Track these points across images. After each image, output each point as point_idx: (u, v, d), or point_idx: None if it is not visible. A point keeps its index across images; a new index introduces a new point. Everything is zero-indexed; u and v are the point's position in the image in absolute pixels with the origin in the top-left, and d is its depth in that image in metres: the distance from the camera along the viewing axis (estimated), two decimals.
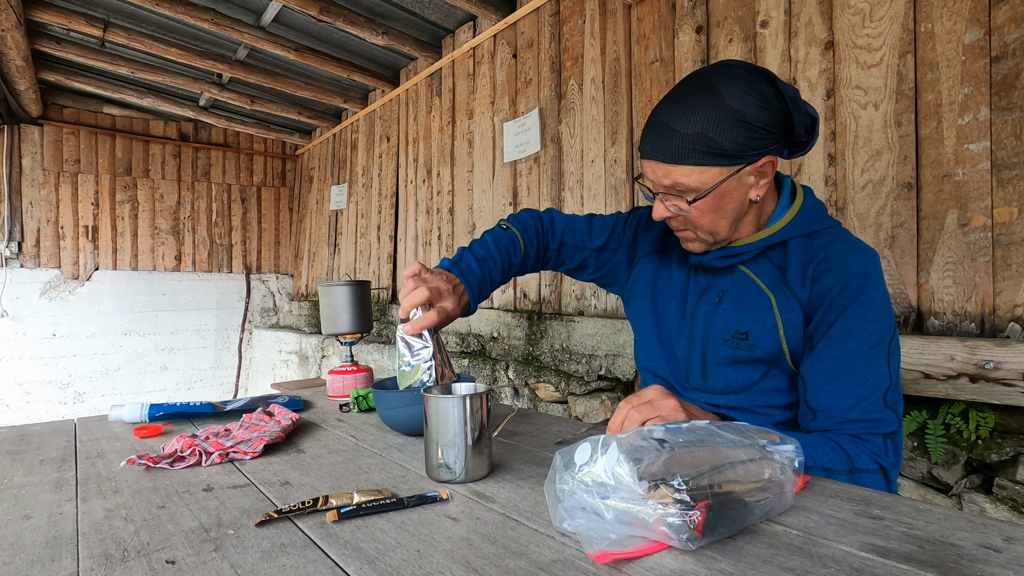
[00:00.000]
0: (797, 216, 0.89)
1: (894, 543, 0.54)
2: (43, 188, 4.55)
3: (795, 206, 0.90)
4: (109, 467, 0.86)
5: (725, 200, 0.84)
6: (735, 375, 0.91)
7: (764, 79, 0.82)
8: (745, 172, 0.83)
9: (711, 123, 0.79)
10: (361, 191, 4.46)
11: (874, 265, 0.84)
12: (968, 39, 1.47)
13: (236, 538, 0.61)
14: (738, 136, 0.79)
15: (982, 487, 1.45)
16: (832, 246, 0.86)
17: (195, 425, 1.14)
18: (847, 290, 0.82)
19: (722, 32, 2.00)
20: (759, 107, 0.79)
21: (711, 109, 0.79)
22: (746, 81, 0.80)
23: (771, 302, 0.88)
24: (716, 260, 0.93)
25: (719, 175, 0.81)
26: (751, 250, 0.90)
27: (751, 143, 0.80)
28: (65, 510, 0.69)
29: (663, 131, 0.82)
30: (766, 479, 0.59)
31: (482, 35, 3.10)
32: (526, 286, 2.85)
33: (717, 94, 0.79)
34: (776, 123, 0.82)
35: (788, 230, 0.89)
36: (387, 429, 1.11)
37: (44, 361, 4.57)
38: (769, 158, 0.83)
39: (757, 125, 0.79)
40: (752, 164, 0.82)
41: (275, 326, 5.53)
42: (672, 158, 0.82)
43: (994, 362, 1.37)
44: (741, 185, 0.84)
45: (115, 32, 3.25)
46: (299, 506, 0.67)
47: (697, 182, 0.82)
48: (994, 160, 1.43)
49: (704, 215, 0.85)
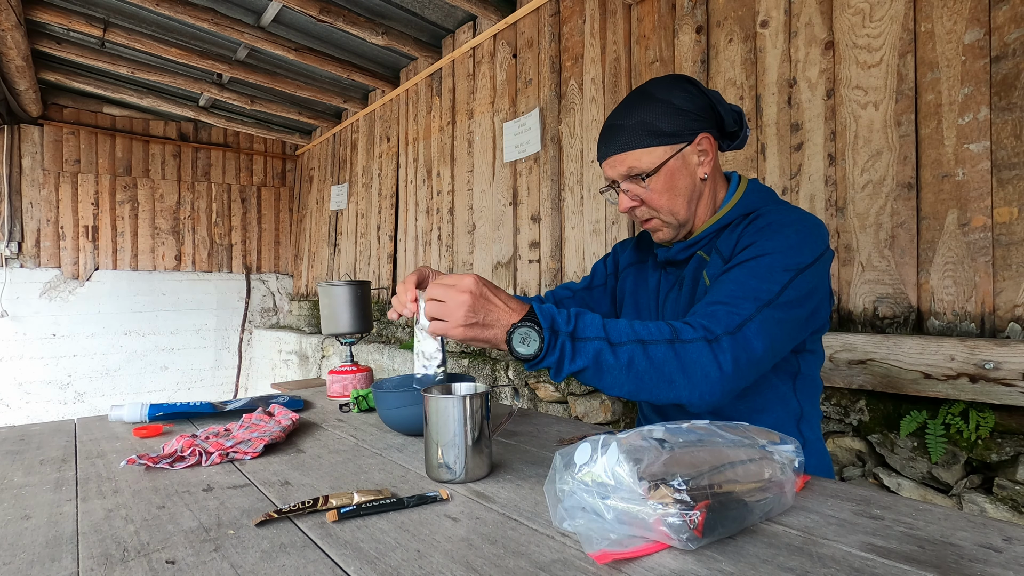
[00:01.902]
0: (741, 199, 1.00)
1: (894, 543, 0.54)
2: (43, 188, 4.55)
3: (739, 191, 1.01)
4: (109, 467, 0.86)
5: (676, 178, 0.96)
6: None
7: (686, 81, 0.98)
8: (687, 151, 0.96)
9: (648, 112, 0.95)
10: (361, 191, 4.46)
11: (803, 220, 0.90)
12: (968, 39, 1.47)
13: (236, 538, 0.61)
14: (672, 119, 0.94)
15: (982, 487, 1.45)
16: (767, 215, 0.92)
17: (195, 425, 1.14)
18: (759, 226, 0.90)
19: (722, 32, 2.00)
20: (683, 97, 0.95)
21: (645, 103, 0.96)
22: (670, 81, 0.98)
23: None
24: (679, 253, 1.03)
25: (665, 153, 0.95)
26: (706, 236, 1.00)
27: (685, 124, 0.95)
28: (65, 510, 0.69)
29: (612, 131, 0.98)
30: (766, 479, 0.59)
31: (482, 35, 3.10)
32: (526, 286, 2.85)
33: (648, 93, 0.97)
34: (703, 110, 0.96)
35: (735, 211, 0.99)
36: (387, 429, 1.11)
37: (44, 361, 4.57)
38: (704, 134, 0.96)
39: (685, 109, 0.95)
40: (691, 143, 0.96)
41: (275, 326, 5.53)
42: (623, 147, 0.96)
43: (994, 362, 1.37)
44: (687, 164, 0.96)
45: (115, 32, 3.25)
46: (299, 506, 0.67)
47: (647, 163, 0.95)
48: (994, 160, 1.43)
49: (661, 195, 0.96)
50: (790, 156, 1.82)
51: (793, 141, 1.81)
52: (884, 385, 1.55)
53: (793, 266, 0.84)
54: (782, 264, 0.83)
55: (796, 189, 1.80)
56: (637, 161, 0.95)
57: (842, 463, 1.67)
